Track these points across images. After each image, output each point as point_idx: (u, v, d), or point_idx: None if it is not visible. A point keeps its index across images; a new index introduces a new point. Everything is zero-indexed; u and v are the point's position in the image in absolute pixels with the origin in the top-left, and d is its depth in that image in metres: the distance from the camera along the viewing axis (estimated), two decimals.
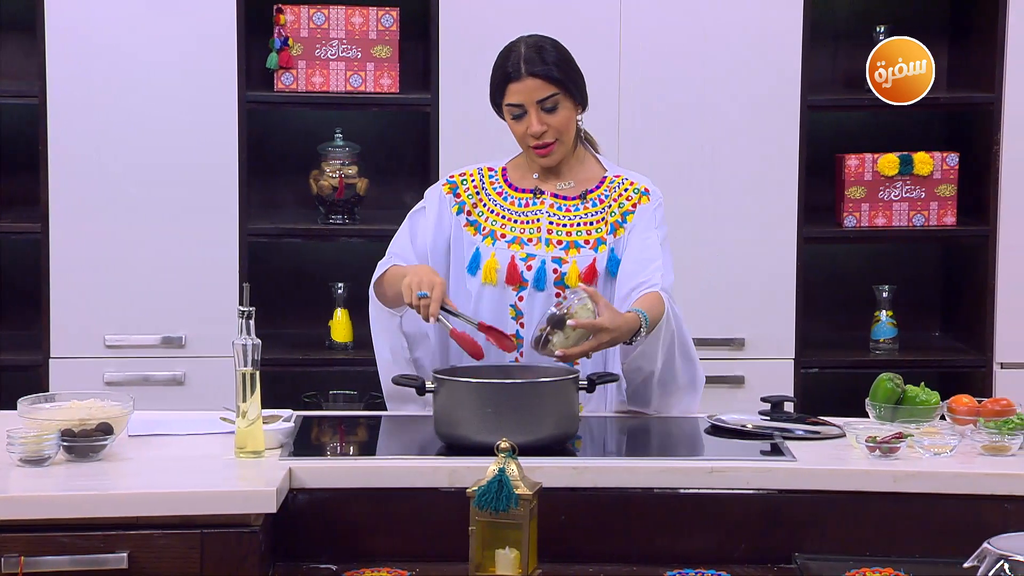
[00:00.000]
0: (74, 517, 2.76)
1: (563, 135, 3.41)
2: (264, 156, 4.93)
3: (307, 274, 5.02)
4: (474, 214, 3.46)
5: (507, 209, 3.46)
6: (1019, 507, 2.92)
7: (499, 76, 3.40)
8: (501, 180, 3.50)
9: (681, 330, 3.37)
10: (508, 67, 3.38)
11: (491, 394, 3.06)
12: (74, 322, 4.65)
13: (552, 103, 3.38)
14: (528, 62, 3.37)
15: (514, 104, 3.38)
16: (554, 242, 3.42)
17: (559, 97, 3.38)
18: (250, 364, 3.02)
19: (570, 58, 3.43)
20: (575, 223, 3.44)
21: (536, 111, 3.37)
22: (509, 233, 3.43)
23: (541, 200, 3.46)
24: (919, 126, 5.07)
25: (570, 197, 3.46)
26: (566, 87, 3.38)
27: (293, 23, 4.72)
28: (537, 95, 3.37)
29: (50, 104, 4.61)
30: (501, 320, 3.40)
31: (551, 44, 3.42)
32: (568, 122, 3.41)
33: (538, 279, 3.39)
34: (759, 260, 4.77)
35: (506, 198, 3.47)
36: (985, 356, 4.85)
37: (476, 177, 3.50)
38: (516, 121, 3.40)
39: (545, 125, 3.38)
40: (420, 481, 2.96)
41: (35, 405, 3.09)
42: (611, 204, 3.45)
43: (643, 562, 2.93)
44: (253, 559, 2.78)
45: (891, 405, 3.22)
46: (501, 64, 3.41)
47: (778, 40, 4.72)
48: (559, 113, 3.39)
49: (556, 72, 3.37)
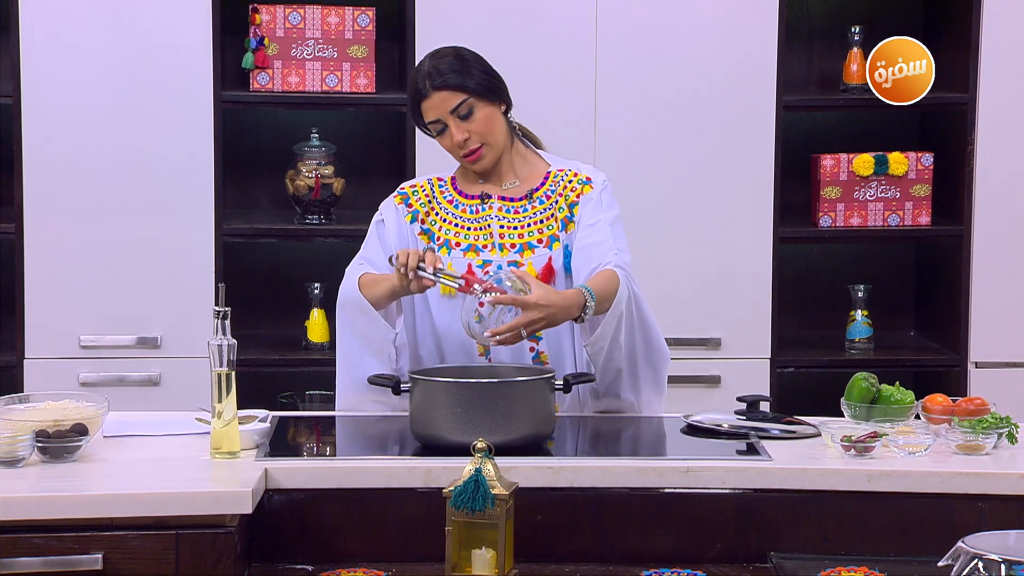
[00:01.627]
0: (48, 518, 2.75)
1: (487, 137, 3.41)
2: (240, 156, 4.92)
3: (283, 274, 5.01)
4: (427, 223, 3.46)
5: (459, 217, 3.46)
6: (993, 506, 2.93)
7: (412, 99, 3.42)
8: (451, 188, 3.50)
9: (641, 307, 3.36)
10: (417, 87, 3.40)
11: (467, 394, 3.06)
12: (49, 322, 4.64)
13: (466, 108, 3.38)
14: (430, 76, 3.38)
15: (432, 121, 3.40)
16: (508, 246, 3.42)
17: (471, 102, 3.38)
18: (226, 364, 3.01)
19: (477, 61, 3.42)
20: (525, 224, 3.43)
21: (454, 121, 3.38)
22: (463, 241, 3.43)
23: (489, 205, 3.46)
24: (894, 126, 5.08)
25: (517, 198, 3.46)
26: (474, 91, 3.38)
27: (269, 23, 4.71)
28: (448, 105, 3.37)
29: (24, 104, 4.59)
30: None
31: (455, 52, 3.43)
32: (488, 124, 3.40)
33: (497, 284, 3.39)
34: (735, 260, 4.78)
35: (457, 206, 3.47)
36: (959, 356, 4.87)
37: (427, 187, 3.51)
38: (441, 137, 3.41)
39: (466, 132, 3.38)
40: (396, 481, 2.95)
41: (9, 406, 3.08)
42: (557, 200, 3.46)
43: (619, 562, 2.93)
44: (228, 560, 2.77)
45: (866, 404, 3.23)
46: (411, 87, 3.43)
47: (753, 40, 4.73)
48: (476, 117, 3.38)
49: (458, 79, 3.37)
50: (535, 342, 3.40)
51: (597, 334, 3.29)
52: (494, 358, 3.38)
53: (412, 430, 3.13)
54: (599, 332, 3.29)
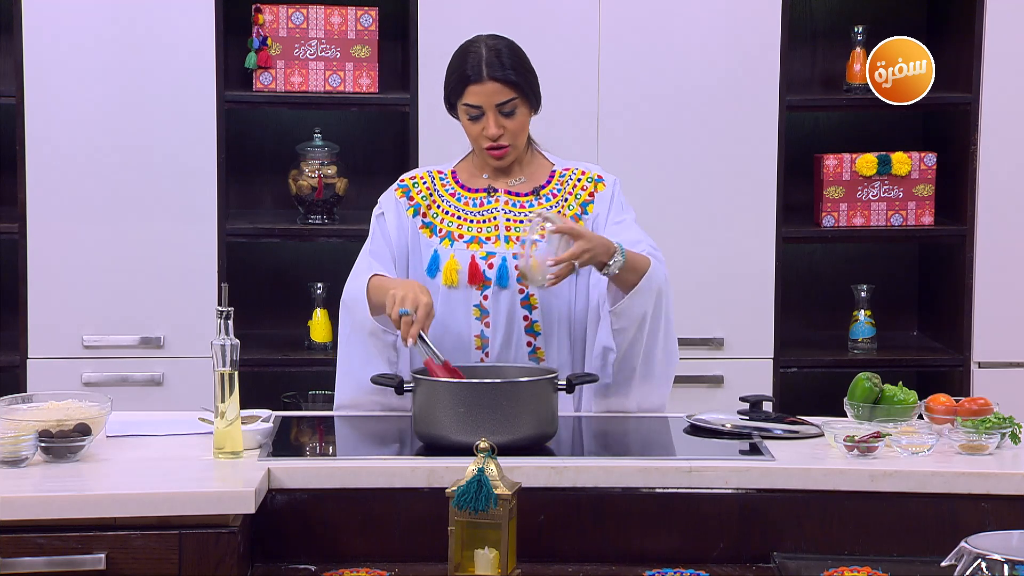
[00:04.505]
0: (51, 518, 2.75)
1: (517, 138, 3.43)
2: (243, 156, 4.92)
3: (286, 274, 5.02)
4: (428, 216, 3.47)
5: (461, 209, 3.47)
6: (996, 506, 2.93)
7: (457, 77, 3.41)
8: (452, 182, 3.50)
9: (669, 306, 3.38)
10: (467, 69, 3.38)
11: (470, 394, 3.06)
12: (52, 322, 4.64)
13: (511, 107, 3.39)
14: (489, 65, 3.37)
15: (472, 105, 3.39)
16: (513, 238, 3.43)
17: (517, 102, 3.39)
18: (229, 364, 3.01)
19: (528, 62, 3.44)
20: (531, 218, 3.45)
21: (494, 114, 3.38)
22: (467, 233, 3.44)
23: (495, 198, 3.47)
24: (897, 126, 5.08)
25: (523, 193, 3.48)
26: (524, 92, 3.40)
27: (272, 23, 4.71)
28: (496, 99, 3.38)
29: (27, 104, 4.59)
30: (466, 321, 3.40)
31: (510, 47, 3.43)
32: (523, 126, 3.43)
33: (500, 276, 3.41)
34: (738, 260, 4.78)
35: (459, 199, 3.48)
36: (962, 355, 4.87)
37: (427, 179, 3.51)
38: (472, 121, 3.41)
39: (502, 128, 3.39)
40: (399, 481, 2.95)
41: (12, 406, 3.08)
42: (567, 197, 3.47)
43: (622, 562, 2.93)
44: (231, 560, 2.77)
45: (869, 404, 3.23)
46: (459, 65, 3.41)
47: (756, 40, 4.73)
48: (516, 118, 3.40)
49: (516, 77, 3.38)
50: (533, 337, 3.41)
51: (627, 303, 3.30)
52: (491, 356, 3.39)
53: (415, 430, 3.13)
54: (630, 301, 3.29)
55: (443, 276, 3.41)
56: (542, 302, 3.43)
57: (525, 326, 3.43)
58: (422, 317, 3.19)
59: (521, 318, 3.43)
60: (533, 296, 3.43)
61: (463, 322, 3.41)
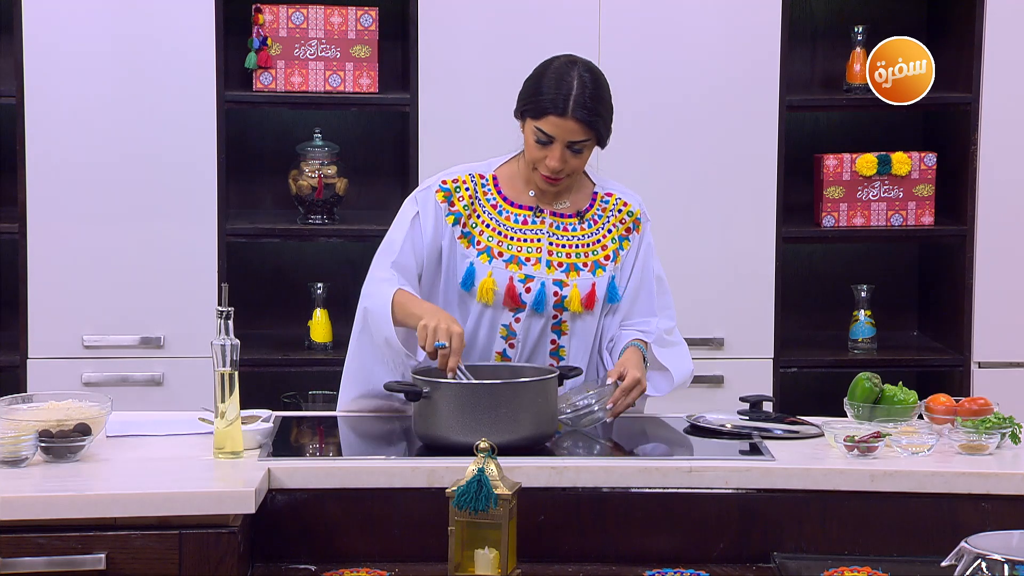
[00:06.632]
0: (51, 518, 2.75)
1: (576, 172, 3.36)
2: (243, 156, 4.92)
3: (286, 274, 5.02)
4: (468, 226, 3.38)
5: (503, 225, 3.38)
6: (996, 506, 2.94)
7: (540, 101, 3.28)
8: (494, 192, 3.41)
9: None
10: (556, 98, 3.26)
11: (470, 394, 3.06)
12: (52, 322, 4.64)
13: (581, 146, 3.31)
14: (576, 103, 3.26)
15: (545, 132, 3.28)
16: (555, 264, 3.37)
17: (590, 143, 3.32)
18: (229, 364, 3.01)
19: (610, 98, 3.34)
20: (574, 244, 3.40)
21: (562, 148, 3.29)
22: (506, 252, 3.37)
23: (541, 220, 3.40)
24: (897, 126, 5.08)
25: (568, 215, 3.42)
26: (600, 135, 3.32)
27: (272, 23, 4.71)
28: (572, 137, 3.28)
29: (27, 104, 4.59)
30: (491, 337, 3.38)
31: (600, 84, 3.32)
32: (584, 163, 3.36)
33: (538, 302, 3.35)
34: (738, 260, 4.78)
35: (502, 212, 3.39)
36: (962, 356, 4.87)
37: (469, 184, 3.41)
38: (538, 145, 3.30)
39: (565, 163, 3.31)
40: (399, 481, 2.95)
41: (12, 406, 3.08)
42: (606, 225, 3.43)
43: (622, 561, 2.93)
44: (232, 560, 2.77)
45: (869, 404, 3.23)
46: (547, 88, 3.29)
47: (757, 40, 4.73)
48: (583, 155, 3.33)
49: (599, 123, 3.29)
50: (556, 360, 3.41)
51: None
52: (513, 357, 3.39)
53: (415, 430, 3.13)
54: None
55: (478, 293, 3.35)
56: (572, 328, 3.40)
57: (551, 349, 3.40)
58: (458, 349, 3.16)
59: (549, 342, 3.40)
60: (565, 323, 3.38)
61: (487, 337, 3.38)
